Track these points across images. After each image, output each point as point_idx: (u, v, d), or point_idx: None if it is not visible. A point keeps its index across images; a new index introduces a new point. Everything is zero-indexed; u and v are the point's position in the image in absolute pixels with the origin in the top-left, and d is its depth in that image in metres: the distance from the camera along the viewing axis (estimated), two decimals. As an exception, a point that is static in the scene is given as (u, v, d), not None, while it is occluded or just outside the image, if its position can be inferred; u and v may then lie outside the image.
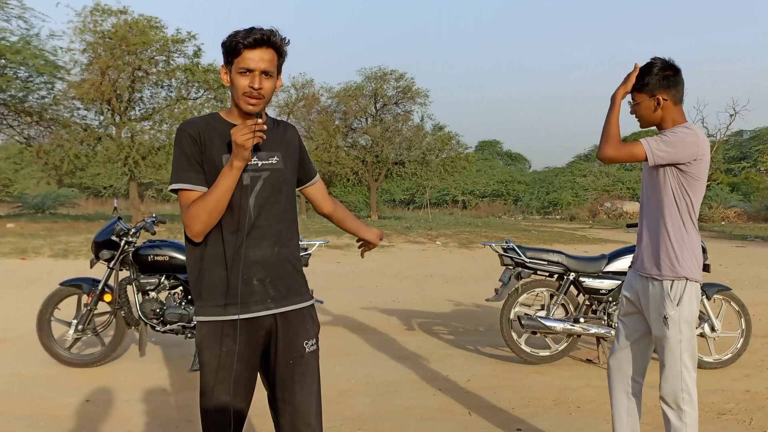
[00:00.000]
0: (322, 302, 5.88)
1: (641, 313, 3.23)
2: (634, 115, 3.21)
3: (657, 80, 3.06)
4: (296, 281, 2.48)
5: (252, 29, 2.29)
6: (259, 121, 2.20)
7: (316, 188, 2.70)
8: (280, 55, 2.36)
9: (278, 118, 2.60)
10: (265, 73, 2.30)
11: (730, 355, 5.79)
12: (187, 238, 2.37)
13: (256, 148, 2.32)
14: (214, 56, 50.93)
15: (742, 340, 5.81)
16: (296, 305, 2.45)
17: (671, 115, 3.08)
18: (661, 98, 3.07)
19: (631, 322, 3.30)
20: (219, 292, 2.34)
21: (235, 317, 2.32)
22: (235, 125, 2.31)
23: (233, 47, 2.28)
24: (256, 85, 2.29)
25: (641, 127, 3.24)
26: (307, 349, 2.46)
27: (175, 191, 2.36)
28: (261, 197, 2.36)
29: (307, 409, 2.45)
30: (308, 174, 2.62)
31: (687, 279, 3.02)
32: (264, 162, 2.38)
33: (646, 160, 2.96)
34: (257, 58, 2.28)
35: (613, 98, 3.10)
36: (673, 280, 3.03)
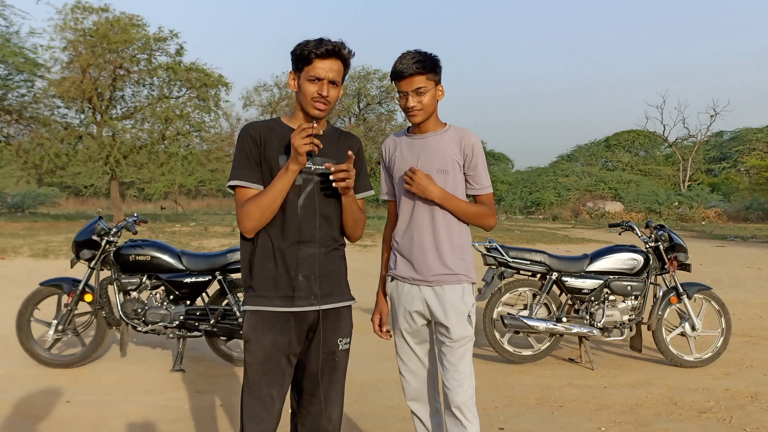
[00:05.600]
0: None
1: (426, 326, 3.01)
2: (409, 108, 2.84)
3: (440, 68, 2.87)
4: (339, 280, 2.62)
5: (322, 40, 2.44)
6: (315, 125, 2.33)
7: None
8: (346, 66, 2.52)
9: (343, 129, 2.65)
10: (332, 82, 2.47)
11: (710, 354, 5.84)
12: (241, 232, 2.52)
13: (311, 154, 2.42)
14: (197, 54, 50.64)
15: (722, 339, 5.87)
16: (337, 304, 2.59)
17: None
18: (442, 88, 2.91)
19: (419, 345, 3.04)
20: (267, 285, 2.48)
21: (281, 309, 2.46)
22: (293, 129, 2.46)
23: (305, 56, 2.44)
24: (324, 93, 2.45)
25: (416, 121, 2.87)
26: (340, 347, 2.60)
27: (232, 188, 2.51)
28: (310, 199, 2.49)
29: (331, 403, 2.60)
30: (357, 187, 2.61)
31: (473, 283, 2.99)
32: (317, 167, 2.50)
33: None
34: (327, 67, 2.45)
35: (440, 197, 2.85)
36: (470, 283, 2.95)
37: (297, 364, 2.57)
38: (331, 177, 2.41)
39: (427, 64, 2.81)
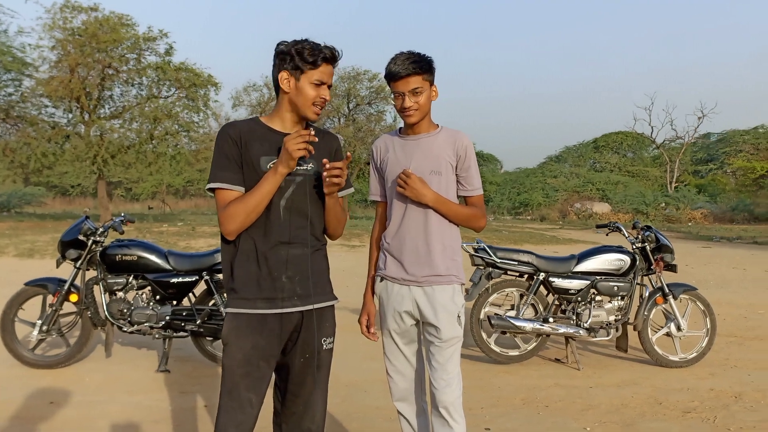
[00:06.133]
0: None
1: (414, 326, 3.02)
2: (405, 108, 2.85)
3: (433, 68, 2.89)
4: (321, 280, 2.60)
5: (320, 44, 2.45)
6: (312, 132, 2.35)
7: None
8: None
9: (322, 128, 2.66)
10: (329, 86, 2.51)
11: (695, 354, 5.87)
12: (222, 235, 2.49)
13: (302, 158, 2.42)
14: (186, 54, 50.46)
15: (707, 339, 5.90)
16: (321, 304, 2.57)
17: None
18: (436, 88, 2.93)
19: (407, 345, 3.05)
20: (250, 286, 2.44)
21: (265, 311, 2.43)
22: (274, 130, 2.47)
23: (312, 59, 2.43)
24: (328, 98, 2.49)
25: (412, 121, 2.89)
26: (324, 346, 2.59)
27: (211, 190, 2.47)
28: (291, 200, 2.47)
29: (315, 403, 2.59)
30: None
31: (463, 284, 3.01)
32: (299, 168, 2.48)
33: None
34: (329, 72, 2.48)
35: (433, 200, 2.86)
36: (460, 284, 2.97)
37: (281, 365, 2.56)
38: (324, 174, 2.39)
39: (422, 65, 2.82)
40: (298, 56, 2.43)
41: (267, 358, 2.46)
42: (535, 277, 5.78)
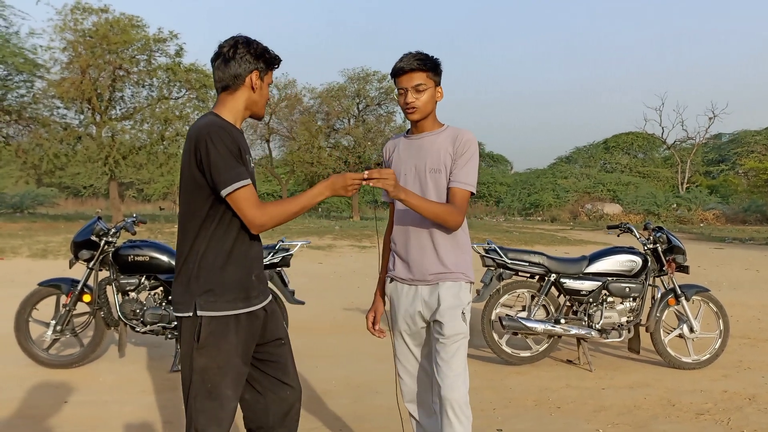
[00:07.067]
0: (303, 303, 5.87)
1: (425, 328, 3.02)
2: (407, 104, 2.86)
3: (440, 69, 2.89)
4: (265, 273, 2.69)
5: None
6: (365, 174, 2.50)
7: None
8: None
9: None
10: None
11: (708, 356, 5.84)
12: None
13: (249, 156, 2.50)
14: (196, 56, 50.61)
15: (720, 341, 5.87)
16: (270, 295, 2.67)
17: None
18: (441, 90, 2.93)
19: (418, 347, 3.08)
20: (232, 287, 2.42)
21: (243, 311, 2.45)
22: (239, 130, 2.48)
23: (275, 62, 2.54)
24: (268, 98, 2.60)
25: (414, 118, 2.89)
26: (286, 330, 2.73)
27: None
28: None
29: (295, 380, 2.69)
30: None
31: (471, 282, 3.00)
32: (251, 165, 2.53)
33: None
34: None
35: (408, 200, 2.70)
36: (467, 282, 2.96)
37: (260, 359, 2.61)
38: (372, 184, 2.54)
39: (427, 63, 2.83)
40: (266, 57, 2.48)
41: (244, 357, 2.47)
42: (546, 278, 5.77)
